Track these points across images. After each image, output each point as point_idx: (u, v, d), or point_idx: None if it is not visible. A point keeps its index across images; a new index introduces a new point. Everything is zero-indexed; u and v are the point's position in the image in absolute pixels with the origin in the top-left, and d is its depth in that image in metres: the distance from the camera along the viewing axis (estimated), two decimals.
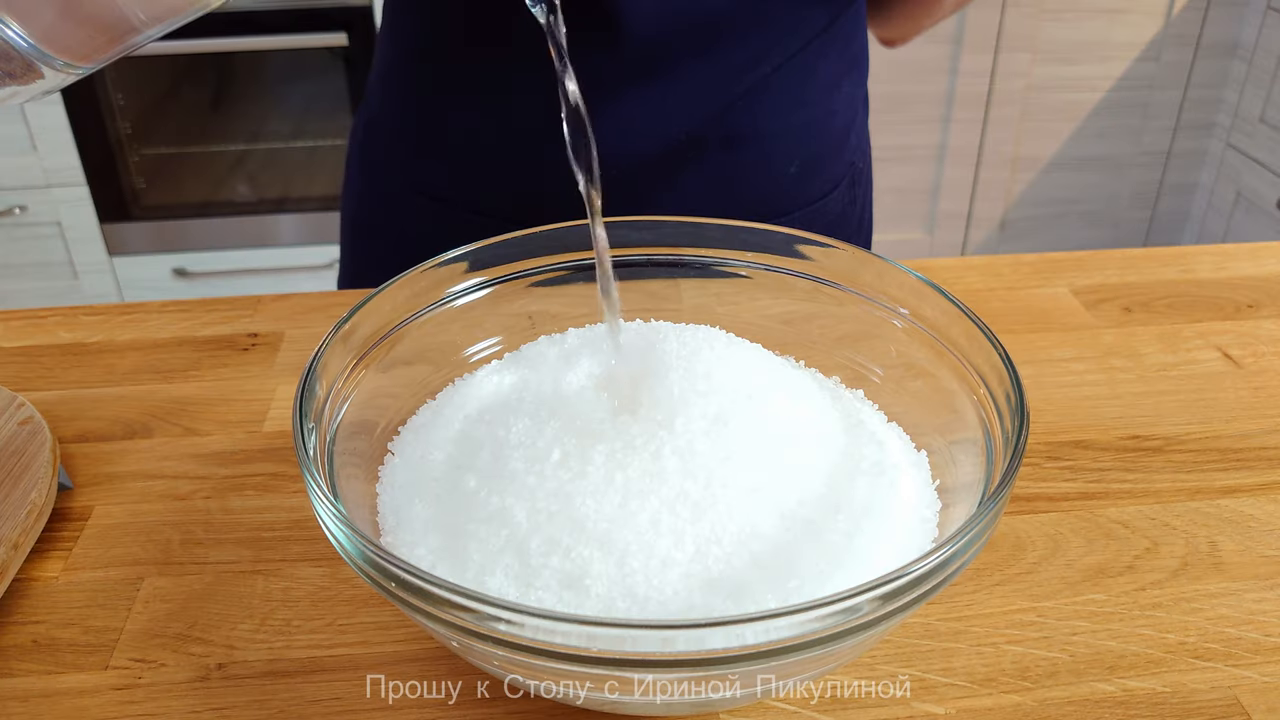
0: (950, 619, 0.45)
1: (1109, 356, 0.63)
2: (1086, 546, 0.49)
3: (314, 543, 0.50)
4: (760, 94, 0.69)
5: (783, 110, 0.71)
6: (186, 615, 0.46)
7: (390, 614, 0.46)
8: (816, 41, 0.70)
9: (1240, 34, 2.09)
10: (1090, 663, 0.43)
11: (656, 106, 0.68)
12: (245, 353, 0.65)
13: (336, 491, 0.40)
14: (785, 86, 0.70)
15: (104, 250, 2.02)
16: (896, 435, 0.47)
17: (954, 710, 0.42)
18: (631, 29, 0.65)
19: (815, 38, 0.70)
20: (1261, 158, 2.05)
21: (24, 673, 0.44)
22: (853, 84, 0.76)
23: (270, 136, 2.03)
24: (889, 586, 0.32)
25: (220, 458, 0.56)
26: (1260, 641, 0.44)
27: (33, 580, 0.48)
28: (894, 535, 0.40)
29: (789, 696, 0.42)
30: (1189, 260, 0.74)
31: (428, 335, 0.49)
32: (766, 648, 0.31)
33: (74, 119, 1.88)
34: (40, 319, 0.68)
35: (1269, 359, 0.63)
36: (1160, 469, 0.54)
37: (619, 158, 0.63)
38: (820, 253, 0.50)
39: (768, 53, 0.68)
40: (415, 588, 0.33)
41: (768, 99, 0.70)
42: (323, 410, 0.42)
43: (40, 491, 0.49)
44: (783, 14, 0.68)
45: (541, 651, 0.32)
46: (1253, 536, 0.50)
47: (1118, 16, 2.06)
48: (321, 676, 0.43)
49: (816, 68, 0.71)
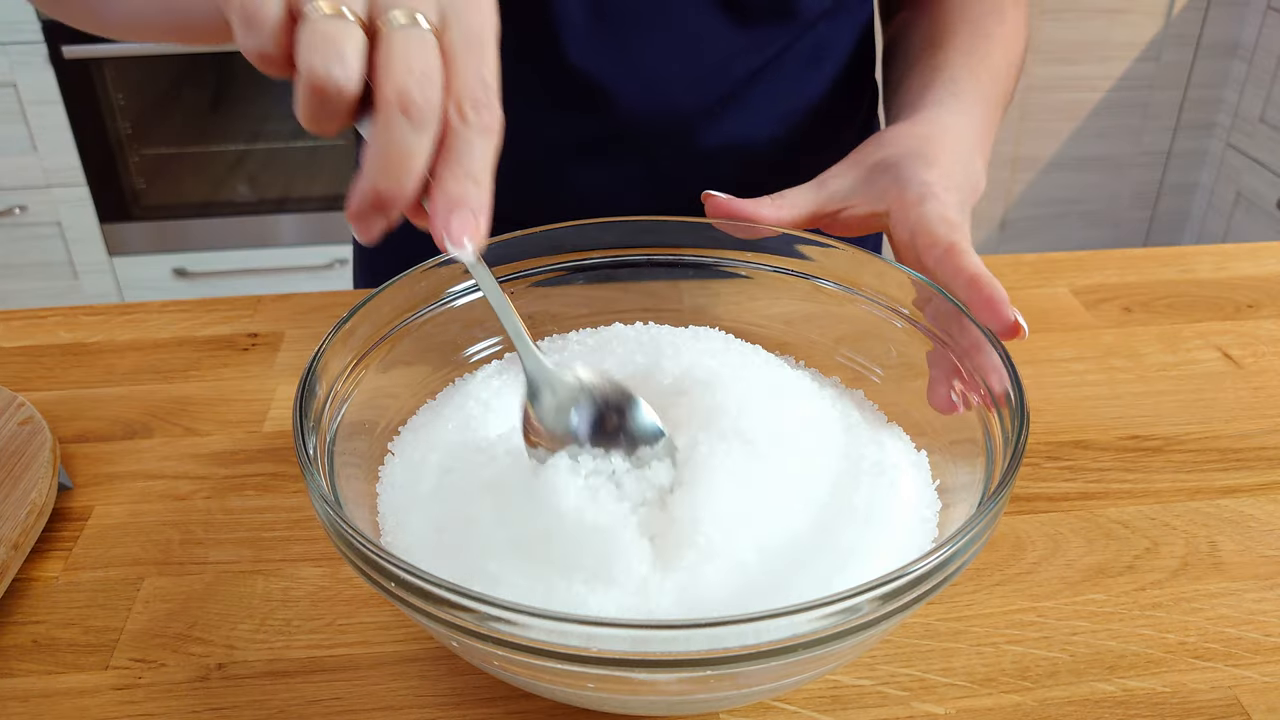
0: (950, 619, 0.45)
1: (1109, 356, 0.63)
2: (1086, 546, 0.49)
3: (314, 543, 0.50)
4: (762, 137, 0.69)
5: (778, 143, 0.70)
6: (186, 615, 0.46)
7: (390, 614, 0.46)
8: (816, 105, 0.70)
9: (1240, 34, 2.09)
10: (1090, 663, 0.43)
11: (644, 165, 0.68)
12: (245, 353, 0.65)
13: (336, 491, 0.40)
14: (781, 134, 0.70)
15: (104, 250, 2.02)
16: (896, 435, 0.47)
17: (954, 710, 0.42)
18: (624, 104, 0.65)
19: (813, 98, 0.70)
20: (1261, 158, 2.05)
21: (24, 673, 0.44)
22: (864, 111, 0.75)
23: (270, 136, 2.03)
24: (889, 586, 0.32)
25: (220, 458, 0.56)
26: (1260, 641, 0.44)
27: (33, 580, 0.48)
28: (894, 535, 0.40)
29: (789, 696, 0.42)
30: (1189, 260, 0.74)
31: (428, 335, 0.49)
32: (767, 648, 0.31)
33: (74, 119, 1.88)
34: (40, 319, 0.68)
35: (1269, 359, 0.63)
36: (1160, 469, 0.54)
37: (603, 206, 0.63)
38: (820, 253, 0.50)
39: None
40: (415, 588, 0.33)
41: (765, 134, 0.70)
42: (323, 410, 0.42)
43: (40, 491, 0.49)
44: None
45: (541, 651, 0.32)
46: (1253, 536, 0.50)
47: (1118, 16, 2.06)
48: (321, 676, 0.43)
49: (816, 113, 0.71)
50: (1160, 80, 2.14)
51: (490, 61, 0.37)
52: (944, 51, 0.60)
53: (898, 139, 0.51)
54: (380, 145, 0.34)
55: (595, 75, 0.64)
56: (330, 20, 0.34)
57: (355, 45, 0.34)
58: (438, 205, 0.35)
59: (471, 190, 0.35)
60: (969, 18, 0.62)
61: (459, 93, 0.35)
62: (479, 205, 0.36)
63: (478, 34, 0.36)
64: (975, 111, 0.56)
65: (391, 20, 0.35)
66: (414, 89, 0.34)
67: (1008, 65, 0.61)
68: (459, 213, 0.35)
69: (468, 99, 0.35)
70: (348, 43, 0.34)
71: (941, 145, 0.51)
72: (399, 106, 0.34)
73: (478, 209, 0.36)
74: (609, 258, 0.52)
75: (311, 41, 0.34)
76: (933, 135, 0.52)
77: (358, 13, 0.35)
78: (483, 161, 0.36)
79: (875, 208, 0.49)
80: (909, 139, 0.51)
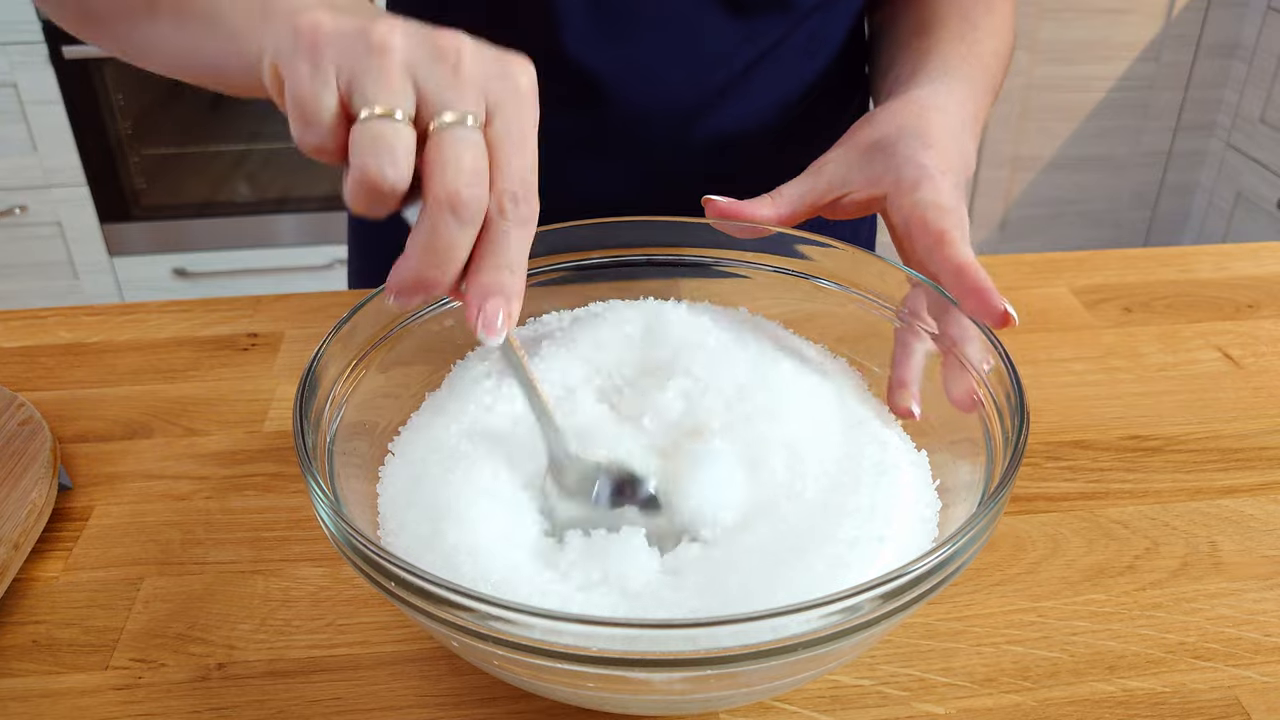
0: (950, 619, 0.45)
1: (1109, 356, 0.63)
2: (1086, 546, 0.49)
3: (314, 543, 0.50)
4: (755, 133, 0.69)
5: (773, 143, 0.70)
6: (186, 615, 0.46)
7: (390, 614, 0.46)
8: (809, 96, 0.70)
9: (1240, 34, 2.09)
10: (1090, 663, 0.43)
11: (642, 159, 0.68)
12: (245, 353, 0.65)
13: (336, 492, 0.40)
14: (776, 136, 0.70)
15: (104, 250, 2.02)
16: (896, 435, 0.47)
17: (954, 710, 0.42)
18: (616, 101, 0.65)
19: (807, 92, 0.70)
20: (1261, 158, 2.05)
21: (24, 673, 0.44)
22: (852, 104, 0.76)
23: (270, 136, 2.03)
24: (889, 586, 0.32)
25: (220, 458, 0.56)
26: (1260, 641, 0.44)
27: (33, 580, 0.48)
28: (894, 535, 0.40)
29: (789, 696, 0.42)
30: (1189, 260, 0.74)
31: (428, 335, 0.49)
32: (767, 647, 0.31)
33: (74, 119, 1.88)
34: (40, 319, 0.68)
35: (1269, 359, 0.63)
36: (1160, 469, 0.54)
37: (601, 201, 0.63)
38: (820, 253, 0.50)
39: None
40: (415, 588, 0.33)
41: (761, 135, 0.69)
42: (323, 410, 0.42)
43: (40, 491, 0.49)
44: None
45: (541, 651, 0.32)
46: (1253, 536, 0.50)
47: (1118, 16, 2.06)
48: (321, 676, 0.43)
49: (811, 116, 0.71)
50: (1160, 80, 2.14)
51: (531, 156, 0.38)
52: (934, 37, 0.61)
53: (892, 117, 0.51)
54: (427, 238, 0.35)
55: (593, 69, 0.64)
56: (383, 122, 0.35)
57: (406, 146, 0.35)
58: (473, 293, 0.37)
59: (506, 279, 0.37)
60: (958, 6, 0.63)
61: (501, 188, 0.37)
62: (512, 293, 0.37)
63: (520, 129, 0.38)
64: (967, 92, 0.56)
65: (442, 121, 0.36)
66: (463, 190, 0.35)
67: (995, 55, 0.62)
68: (492, 300, 0.36)
69: (508, 194, 0.37)
70: (399, 143, 0.35)
71: (935, 123, 0.51)
72: (448, 205, 0.35)
73: (510, 297, 0.37)
74: (608, 258, 0.52)
75: (363, 142, 0.35)
76: (926, 113, 0.52)
77: (408, 111, 0.36)
78: (519, 251, 0.37)
79: (873, 192, 0.49)
80: (903, 116, 0.51)
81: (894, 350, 0.48)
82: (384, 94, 0.35)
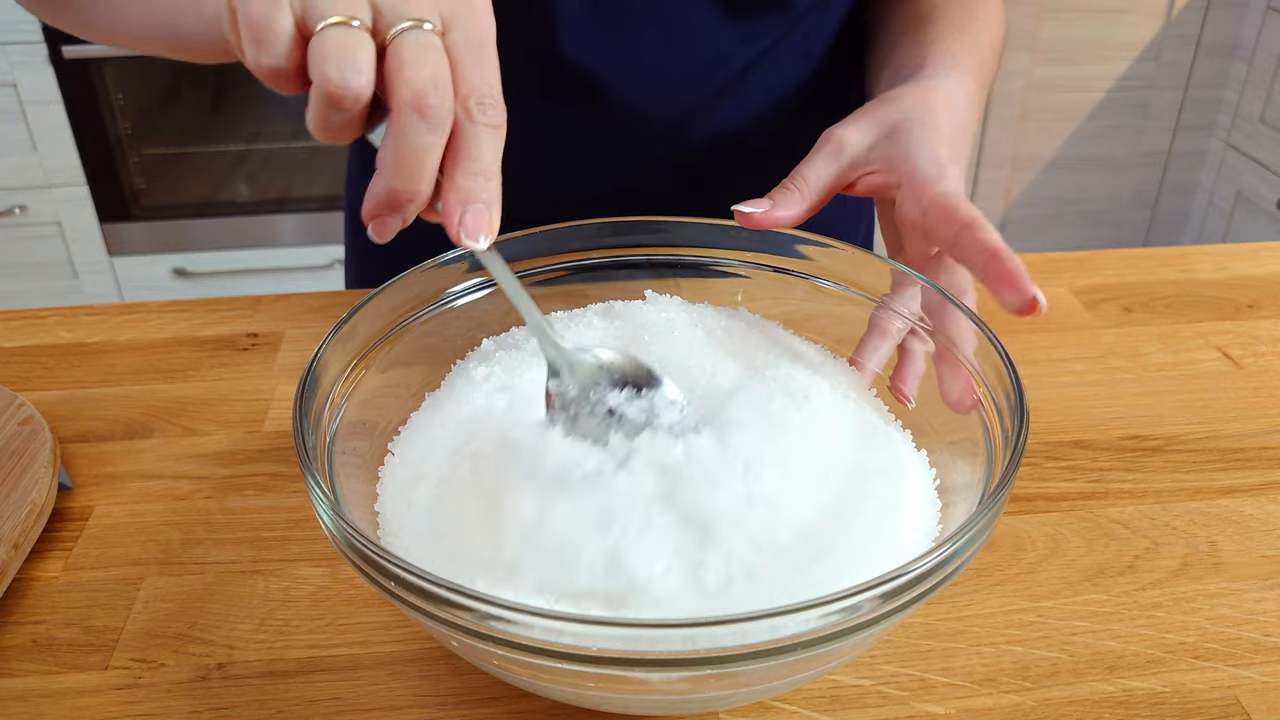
0: (950, 619, 0.45)
1: (1109, 356, 0.63)
2: (1086, 546, 0.49)
3: (314, 543, 0.50)
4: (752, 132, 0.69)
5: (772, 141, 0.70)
6: (186, 615, 0.46)
7: (390, 614, 0.46)
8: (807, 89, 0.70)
9: (1240, 34, 2.09)
10: (1090, 663, 0.43)
11: (639, 159, 0.68)
12: (245, 353, 0.65)
13: (336, 491, 0.40)
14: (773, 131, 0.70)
15: (104, 250, 2.02)
16: (897, 435, 0.47)
17: (954, 710, 0.42)
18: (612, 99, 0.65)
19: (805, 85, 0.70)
20: (1261, 158, 2.05)
21: (24, 673, 0.44)
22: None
23: (270, 136, 2.03)
24: (889, 586, 0.32)
25: (220, 458, 0.56)
26: (1260, 641, 0.44)
27: (33, 580, 0.48)
28: (894, 535, 0.40)
29: (789, 696, 0.42)
30: (1189, 260, 0.74)
31: (428, 335, 0.49)
32: (766, 647, 0.31)
33: (74, 119, 1.88)
34: (40, 319, 0.68)
35: (1269, 359, 0.63)
36: (1160, 469, 0.54)
37: (600, 200, 0.63)
38: (820, 253, 0.50)
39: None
40: (415, 587, 0.33)
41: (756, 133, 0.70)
42: (323, 410, 0.42)
43: (40, 491, 0.49)
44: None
45: (541, 651, 0.32)
46: (1253, 536, 0.50)
47: (1118, 16, 2.06)
48: (321, 676, 0.43)
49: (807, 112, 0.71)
50: (1160, 80, 2.14)
51: (492, 62, 0.38)
52: (936, 27, 0.61)
53: (912, 104, 0.51)
54: (395, 147, 0.35)
55: (591, 69, 0.65)
56: (341, 29, 0.35)
57: (367, 52, 0.35)
58: (451, 201, 0.36)
59: (483, 185, 0.37)
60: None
61: (466, 93, 0.36)
62: (491, 199, 0.37)
63: (478, 36, 0.37)
64: (973, 85, 0.57)
65: (399, 27, 0.35)
66: (429, 91, 0.35)
67: (993, 48, 0.63)
68: (472, 207, 0.36)
69: (474, 99, 0.36)
70: (360, 50, 0.35)
71: (947, 116, 0.51)
72: (415, 108, 0.35)
73: (490, 203, 0.37)
74: (608, 258, 0.52)
75: (324, 50, 0.35)
76: (941, 105, 0.52)
77: (365, 21, 0.35)
78: (492, 157, 0.37)
79: (888, 178, 0.49)
80: (923, 105, 0.51)
81: (866, 332, 0.47)
82: (340, 4, 0.35)
